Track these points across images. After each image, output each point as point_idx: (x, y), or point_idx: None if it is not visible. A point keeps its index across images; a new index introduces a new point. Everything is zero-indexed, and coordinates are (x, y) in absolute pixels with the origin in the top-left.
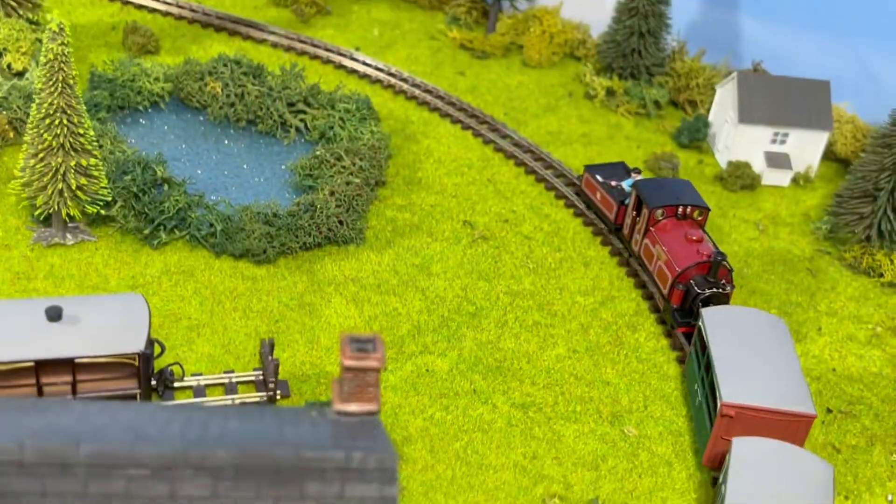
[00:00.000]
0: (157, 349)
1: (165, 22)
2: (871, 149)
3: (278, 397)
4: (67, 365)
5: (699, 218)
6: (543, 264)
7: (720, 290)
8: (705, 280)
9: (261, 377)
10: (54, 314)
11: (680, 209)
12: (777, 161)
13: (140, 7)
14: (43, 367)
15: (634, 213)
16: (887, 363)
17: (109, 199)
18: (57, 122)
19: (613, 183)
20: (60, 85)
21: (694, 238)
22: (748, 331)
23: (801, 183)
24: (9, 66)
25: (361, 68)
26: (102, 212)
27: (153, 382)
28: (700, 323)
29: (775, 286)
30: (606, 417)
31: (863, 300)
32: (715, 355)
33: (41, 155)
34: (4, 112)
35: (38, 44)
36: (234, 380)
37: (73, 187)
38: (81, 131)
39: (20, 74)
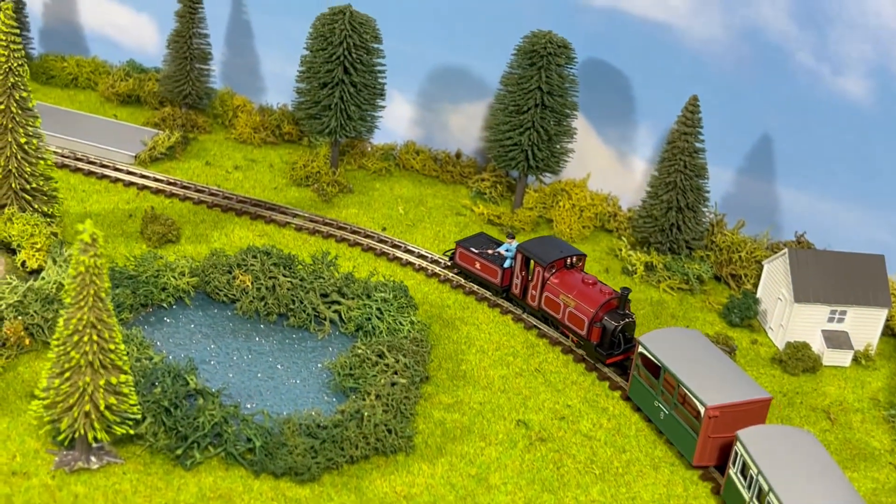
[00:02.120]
0: None
1: (184, 207)
2: None
3: None
4: None
5: (579, 264)
6: (609, 469)
7: (630, 320)
8: (616, 313)
9: None
10: None
11: (567, 260)
12: (836, 340)
13: (157, 192)
14: None
15: (523, 273)
16: None
17: (139, 416)
18: (86, 338)
19: (491, 251)
20: (91, 299)
21: (590, 282)
22: (683, 345)
23: (863, 362)
24: (23, 263)
25: (391, 250)
26: (131, 431)
27: None
28: (642, 350)
29: (861, 486)
30: None
31: None
32: (676, 371)
33: (67, 374)
34: (20, 317)
35: (54, 238)
36: None
37: (101, 408)
38: (112, 346)
39: (35, 272)
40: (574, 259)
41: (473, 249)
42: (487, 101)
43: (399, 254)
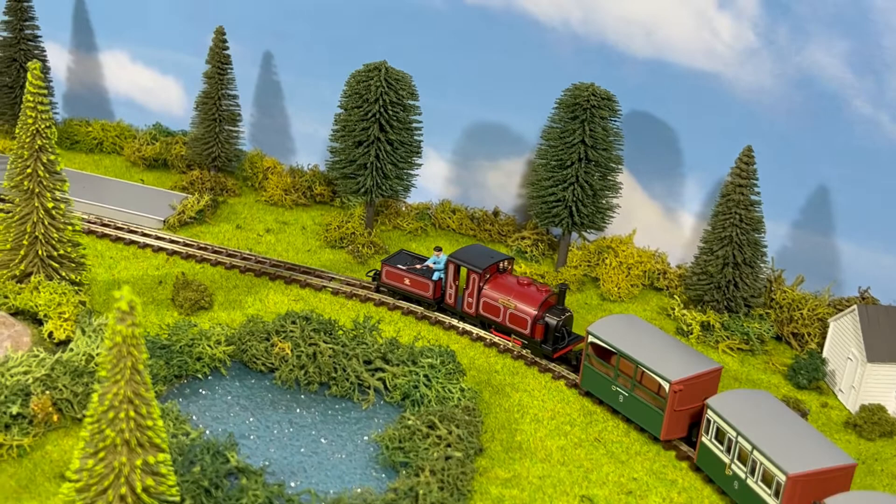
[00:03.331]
0: None
1: (216, 272)
2: None
3: None
4: None
5: (510, 267)
6: None
7: (570, 314)
8: (556, 309)
9: None
10: None
11: (500, 265)
12: None
13: (187, 257)
14: None
15: (456, 282)
16: None
17: (177, 498)
18: (122, 414)
19: (419, 266)
20: (129, 371)
21: (525, 283)
22: (629, 329)
23: None
24: (50, 334)
25: (433, 314)
26: None
27: None
28: (592, 339)
29: None
30: None
31: None
32: (633, 354)
33: (102, 454)
34: (48, 392)
35: (82, 306)
36: None
37: (138, 490)
38: (150, 423)
39: (63, 344)
40: (505, 263)
41: (401, 266)
42: (526, 157)
43: (442, 316)
